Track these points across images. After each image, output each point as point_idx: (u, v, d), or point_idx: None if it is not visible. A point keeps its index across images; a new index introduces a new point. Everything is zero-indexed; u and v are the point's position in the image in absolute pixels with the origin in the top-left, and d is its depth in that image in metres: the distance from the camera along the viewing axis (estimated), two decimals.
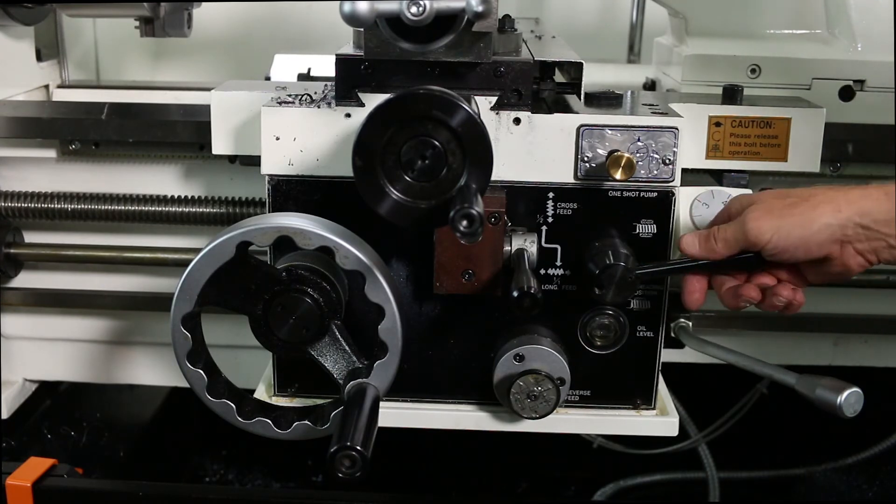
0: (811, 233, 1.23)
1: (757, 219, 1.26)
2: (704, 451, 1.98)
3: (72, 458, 1.89)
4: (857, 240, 1.23)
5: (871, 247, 1.23)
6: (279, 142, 1.46)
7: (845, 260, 1.26)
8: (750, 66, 1.88)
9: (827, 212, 1.23)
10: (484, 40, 1.37)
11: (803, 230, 1.23)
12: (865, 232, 1.22)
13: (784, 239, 1.24)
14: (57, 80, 2.22)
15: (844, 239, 1.23)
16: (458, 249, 1.42)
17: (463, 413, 1.58)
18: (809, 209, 1.24)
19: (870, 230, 1.21)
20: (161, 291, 2.06)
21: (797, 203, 1.26)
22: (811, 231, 1.23)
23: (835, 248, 1.24)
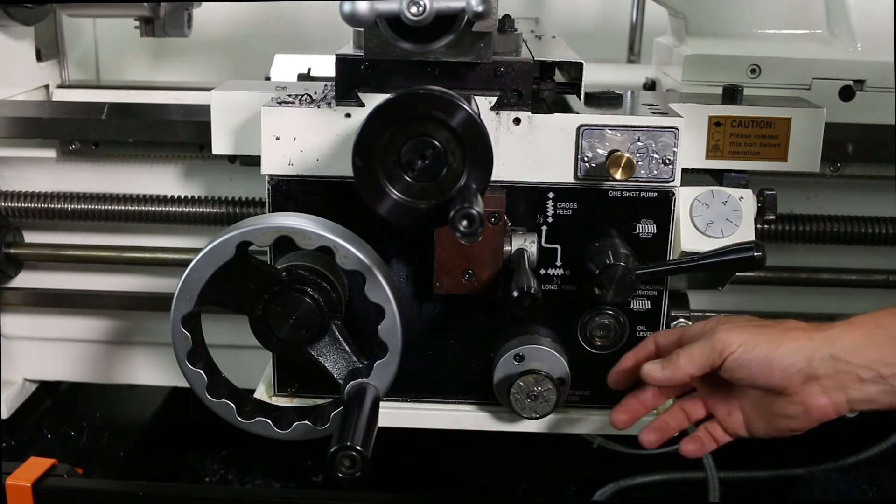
0: (778, 353, 1.18)
1: (727, 330, 1.22)
2: None
3: (72, 458, 1.89)
4: (826, 374, 1.16)
5: (840, 381, 1.16)
6: (279, 142, 1.46)
7: (805, 398, 1.18)
8: (750, 66, 1.88)
9: (798, 337, 1.19)
10: (484, 40, 1.37)
11: (771, 347, 1.18)
12: (834, 363, 1.16)
13: (750, 352, 1.19)
14: (57, 80, 2.22)
15: (811, 371, 1.17)
16: (458, 249, 1.42)
17: (463, 413, 1.58)
18: (781, 332, 1.20)
19: (838, 361, 1.16)
20: (161, 291, 2.06)
21: (769, 325, 1.23)
22: (779, 351, 1.18)
23: (797, 380, 1.18)
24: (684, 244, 1.53)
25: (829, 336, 1.17)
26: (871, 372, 1.14)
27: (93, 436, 2.21)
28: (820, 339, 1.17)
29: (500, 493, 2.14)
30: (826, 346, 1.16)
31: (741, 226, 1.54)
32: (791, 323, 1.23)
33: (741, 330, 1.22)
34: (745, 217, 1.54)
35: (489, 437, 1.61)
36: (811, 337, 1.18)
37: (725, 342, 1.20)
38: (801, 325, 1.22)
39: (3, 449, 2.06)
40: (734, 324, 1.24)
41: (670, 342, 1.36)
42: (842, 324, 1.18)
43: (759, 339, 1.19)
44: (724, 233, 1.53)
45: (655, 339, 1.40)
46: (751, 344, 1.19)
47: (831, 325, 1.19)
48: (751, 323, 1.25)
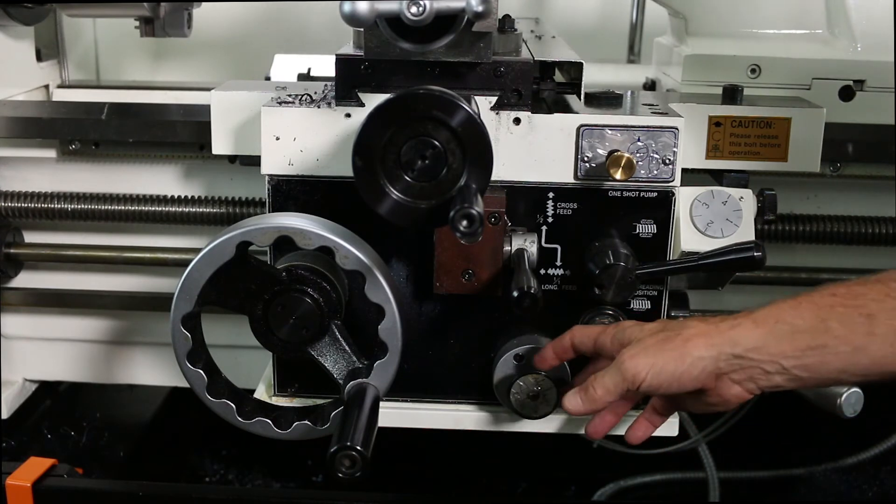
0: (684, 368, 1.22)
1: (632, 357, 1.25)
2: (704, 451, 1.98)
3: (72, 458, 1.89)
4: (732, 370, 1.22)
5: (747, 375, 1.22)
6: (279, 142, 1.46)
7: (721, 391, 1.24)
8: (750, 66, 1.88)
9: (700, 345, 1.22)
10: (484, 40, 1.37)
11: (676, 365, 1.22)
12: (739, 361, 1.21)
13: (657, 376, 1.23)
14: (57, 80, 2.22)
15: (719, 371, 1.21)
16: (458, 249, 1.42)
17: (463, 413, 1.58)
18: (682, 343, 1.23)
19: (742, 359, 1.20)
20: (161, 291, 2.06)
21: (671, 338, 1.25)
22: (684, 366, 1.22)
23: (709, 381, 1.23)
24: (684, 244, 1.53)
25: (732, 338, 1.21)
26: (774, 365, 1.19)
27: (93, 436, 2.21)
28: (722, 342, 1.21)
29: (500, 493, 2.14)
30: (729, 347, 1.21)
31: (741, 226, 1.54)
32: (692, 328, 1.25)
33: (644, 354, 1.25)
34: (745, 217, 1.54)
35: (489, 437, 1.61)
36: (713, 342, 1.22)
37: (634, 371, 1.24)
38: (702, 328, 1.24)
39: (3, 449, 2.06)
40: (638, 346, 1.27)
41: (585, 346, 1.38)
42: (744, 322, 1.22)
43: (664, 361, 1.23)
44: (724, 233, 1.53)
45: (572, 338, 1.40)
46: (657, 368, 1.23)
47: (733, 325, 1.22)
48: (654, 339, 1.26)
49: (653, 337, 1.27)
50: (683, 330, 1.25)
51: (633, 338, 1.30)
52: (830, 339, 1.16)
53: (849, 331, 1.15)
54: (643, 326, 1.32)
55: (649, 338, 1.27)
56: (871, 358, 1.15)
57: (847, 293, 1.18)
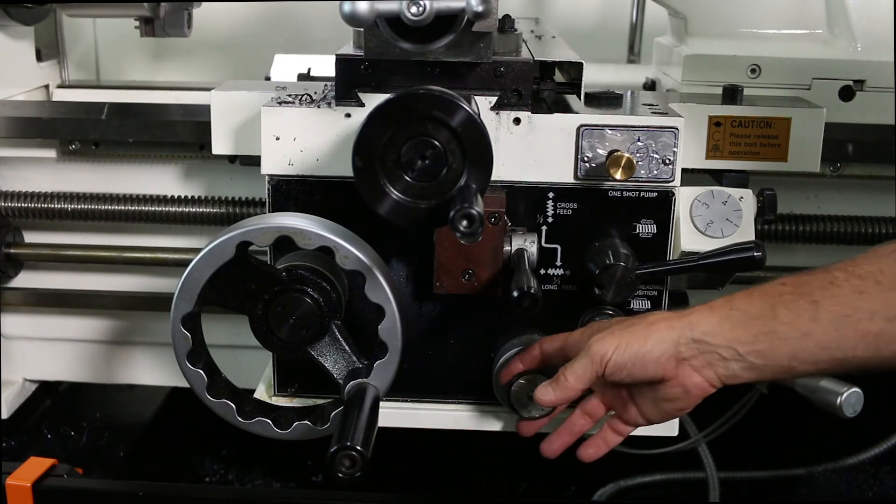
0: (648, 348, 1.27)
1: (598, 340, 1.30)
2: (704, 451, 1.98)
3: (72, 458, 1.89)
4: (692, 355, 1.26)
5: (706, 361, 1.26)
6: (279, 142, 1.46)
7: (682, 379, 1.28)
8: (750, 66, 1.88)
9: (662, 328, 1.28)
10: (484, 40, 1.37)
11: (640, 345, 1.27)
12: (697, 345, 1.25)
13: (622, 354, 1.28)
14: (57, 80, 2.22)
15: (679, 355, 1.26)
16: (458, 249, 1.42)
17: (463, 413, 1.58)
18: (646, 326, 1.29)
19: (701, 343, 1.25)
20: (161, 291, 2.06)
21: (635, 323, 1.31)
22: (648, 346, 1.27)
23: (670, 366, 1.27)
24: (684, 244, 1.53)
25: (691, 322, 1.27)
26: (730, 351, 1.24)
27: (93, 436, 2.21)
28: (682, 325, 1.27)
29: (500, 493, 2.14)
30: (688, 330, 1.26)
31: (741, 226, 1.54)
32: (655, 315, 1.32)
33: (611, 335, 1.30)
34: (745, 217, 1.54)
35: (489, 437, 1.61)
36: (673, 325, 1.27)
37: (600, 352, 1.29)
38: (664, 315, 1.32)
39: (3, 449, 2.06)
40: (605, 331, 1.32)
41: (554, 349, 1.42)
42: (701, 308, 1.28)
43: (628, 340, 1.29)
44: (724, 233, 1.53)
45: (541, 347, 1.43)
46: (622, 347, 1.28)
47: (692, 311, 1.28)
48: (620, 325, 1.32)
49: (619, 323, 1.33)
50: (647, 317, 1.32)
51: (600, 327, 1.35)
52: (779, 325, 1.21)
53: (795, 316, 1.20)
54: (610, 319, 1.39)
55: (616, 324, 1.33)
56: (818, 343, 1.19)
57: (795, 282, 1.23)
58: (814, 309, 1.19)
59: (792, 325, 1.20)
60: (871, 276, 1.17)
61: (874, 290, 1.16)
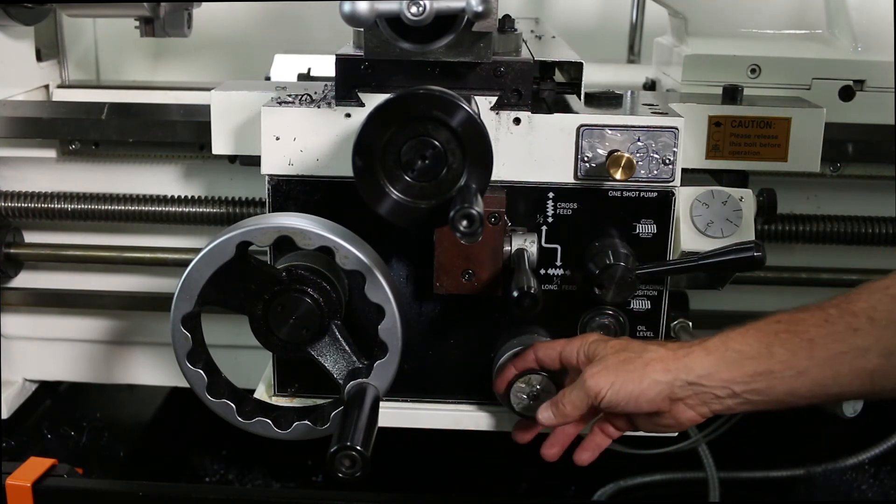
0: (642, 389, 1.28)
1: (593, 375, 1.31)
2: (704, 451, 1.98)
3: (72, 458, 1.89)
4: (686, 396, 1.28)
5: (701, 400, 1.28)
6: (279, 142, 1.46)
7: (676, 415, 1.30)
8: (750, 66, 1.88)
9: (658, 370, 1.28)
10: (484, 40, 1.37)
11: (635, 386, 1.29)
12: (692, 387, 1.27)
13: (617, 393, 1.29)
14: (57, 80, 2.22)
15: (674, 396, 1.28)
16: (458, 249, 1.42)
17: (463, 413, 1.58)
18: (641, 366, 1.30)
19: (696, 385, 1.27)
20: (161, 291, 2.06)
21: (631, 359, 1.31)
22: (642, 387, 1.28)
23: (664, 404, 1.29)
24: (684, 244, 1.53)
25: (686, 364, 1.27)
26: (726, 391, 1.26)
27: (93, 436, 2.21)
28: (677, 368, 1.28)
29: (500, 493, 2.14)
30: (684, 374, 1.27)
31: (741, 226, 1.54)
32: (651, 352, 1.31)
33: (606, 372, 1.31)
34: (745, 217, 1.54)
35: (489, 437, 1.61)
36: (669, 368, 1.28)
37: (595, 388, 1.31)
38: (661, 353, 1.31)
39: (3, 449, 2.06)
40: (600, 364, 1.33)
41: (550, 358, 1.42)
42: (697, 349, 1.28)
43: (623, 380, 1.29)
44: (724, 233, 1.53)
45: (535, 353, 1.44)
46: (617, 386, 1.29)
47: (688, 352, 1.28)
48: (616, 359, 1.33)
49: (615, 356, 1.33)
50: (644, 353, 1.31)
51: (597, 353, 1.36)
52: (775, 364, 1.22)
53: (791, 355, 1.21)
54: (607, 343, 1.37)
55: (612, 356, 1.33)
56: (814, 380, 1.20)
57: (790, 319, 1.24)
58: (809, 347, 1.20)
59: (788, 364, 1.21)
60: (864, 313, 1.18)
61: (868, 327, 1.17)
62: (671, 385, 1.27)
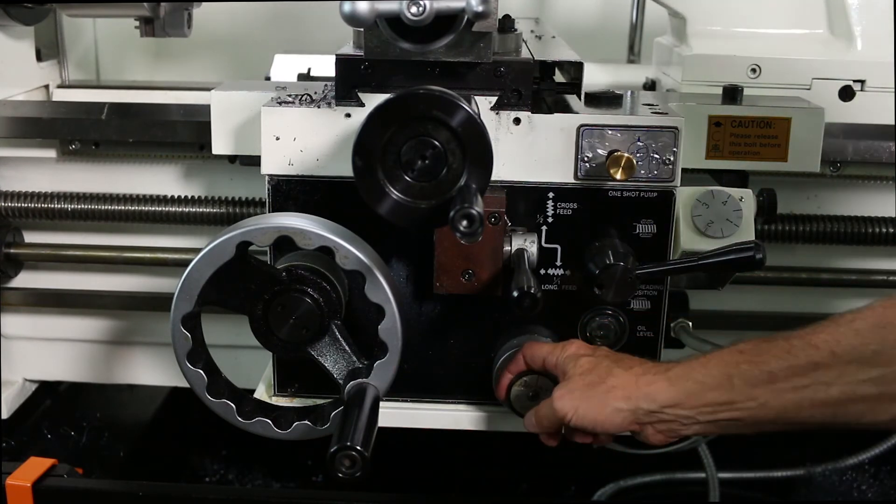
0: (605, 416, 1.29)
1: (560, 398, 1.32)
2: (704, 451, 1.98)
3: (72, 458, 1.88)
4: (651, 422, 1.29)
5: (667, 427, 1.29)
6: (279, 142, 1.46)
7: (647, 436, 1.31)
8: (750, 66, 1.88)
9: (619, 397, 1.29)
10: (484, 40, 1.37)
11: (597, 413, 1.30)
12: (656, 415, 1.28)
13: (581, 419, 1.31)
14: (57, 80, 2.22)
15: (637, 421, 1.29)
16: (458, 249, 1.42)
17: (463, 413, 1.58)
18: (604, 392, 1.30)
19: (659, 413, 1.27)
20: (161, 291, 2.06)
21: (595, 384, 1.32)
22: (605, 414, 1.29)
23: (633, 427, 1.31)
24: (684, 244, 1.53)
25: (648, 394, 1.28)
26: (690, 419, 1.27)
27: (93, 436, 2.21)
28: (639, 397, 1.28)
29: (500, 493, 2.14)
30: (645, 403, 1.28)
31: (741, 226, 1.54)
32: (616, 378, 1.31)
33: (571, 396, 1.32)
34: (745, 217, 1.54)
35: (489, 437, 1.61)
36: (630, 396, 1.28)
37: (561, 411, 1.32)
38: (623, 380, 1.30)
39: (3, 449, 2.06)
40: (566, 387, 1.34)
41: (537, 364, 1.43)
42: (660, 380, 1.28)
43: (586, 407, 1.30)
44: (724, 233, 1.53)
45: (524, 355, 1.45)
46: (580, 412, 1.31)
47: (651, 380, 1.28)
48: (582, 381, 1.33)
49: (581, 378, 1.34)
50: (608, 378, 1.32)
51: (567, 371, 1.36)
52: (736, 395, 1.22)
53: (751, 388, 1.22)
54: (577, 361, 1.36)
55: (578, 378, 1.34)
56: (775, 411, 1.21)
57: (753, 350, 1.24)
58: (770, 380, 1.20)
59: (748, 396, 1.21)
60: (827, 346, 1.18)
61: (830, 361, 1.17)
62: (634, 413, 1.28)
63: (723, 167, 1.64)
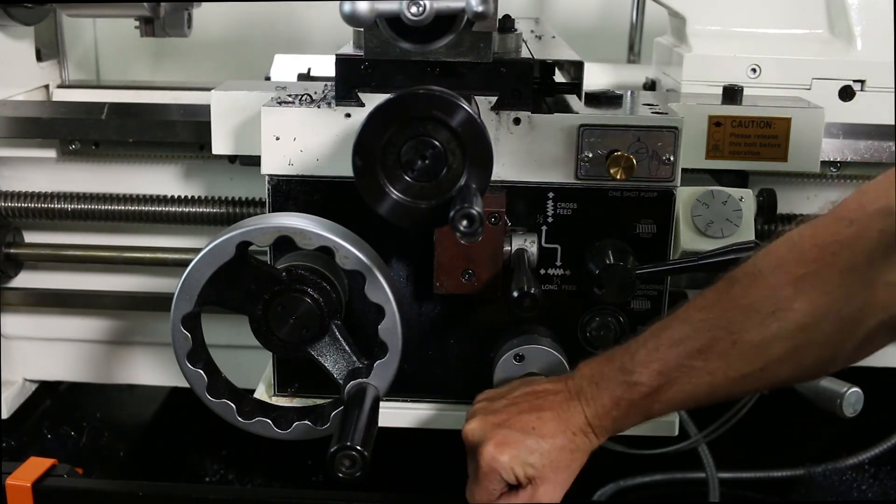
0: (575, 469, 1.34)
1: (554, 497, 1.33)
2: (704, 451, 1.98)
3: (72, 458, 1.89)
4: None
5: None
6: (279, 142, 1.46)
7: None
8: (750, 66, 1.88)
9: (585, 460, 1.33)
10: (484, 40, 1.37)
11: (574, 476, 1.35)
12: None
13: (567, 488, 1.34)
14: (57, 80, 2.22)
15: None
16: (458, 249, 1.42)
17: (463, 413, 1.57)
18: (578, 468, 1.34)
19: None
20: (161, 291, 2.06)
21: (569, 466, 1.34)
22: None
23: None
24: (684, 244, 1.53)
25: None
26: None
27: (93, 436, 2.21)
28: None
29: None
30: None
31: (741, 226, 1.54)
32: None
33: (561, 489, 1.34)
34: (745, 217, 1.54)
35: None
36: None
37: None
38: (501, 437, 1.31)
39: (3, 449, 2.06)
40: (551, 482, 1.33)
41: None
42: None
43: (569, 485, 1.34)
44: (724, 233, 1.53)
45: None
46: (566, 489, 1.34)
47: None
48: (559, 475, 1.34)
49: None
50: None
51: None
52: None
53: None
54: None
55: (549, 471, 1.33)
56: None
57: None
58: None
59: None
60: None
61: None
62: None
63: (723, 167, 1.64)
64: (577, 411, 1.30)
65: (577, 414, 1.30)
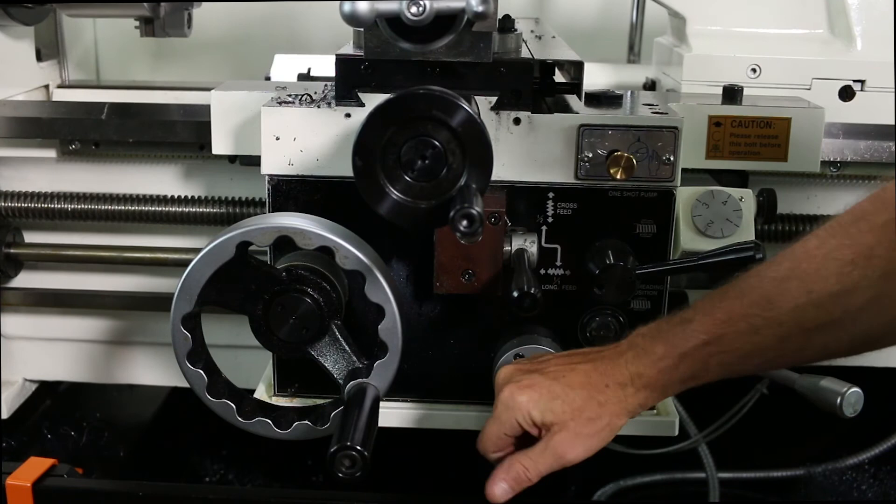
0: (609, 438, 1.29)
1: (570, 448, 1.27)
2: (704, 451, 1.98)
3: (72, 458, 1.88)
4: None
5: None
6: (279, 142, 1.46)
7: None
8: (750, 66, 1.88)
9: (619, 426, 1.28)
10: (484, 40, 1.37)
11: (603, 441, 1.28)
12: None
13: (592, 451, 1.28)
14: (57, 80, 2.22)
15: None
16: (458, 249, 1.42)
17: (463, 413, 1.58)
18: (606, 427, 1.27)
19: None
20: (161, 291, 2.06)
21: (594, 419, 1.26)
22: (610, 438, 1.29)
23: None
24: (684, 244, 1.53)
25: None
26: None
27: (93, 436, 2.21)
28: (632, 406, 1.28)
29: None
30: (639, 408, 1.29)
31: (741, 226, 1.54)
32: (609, 406, 1.27)
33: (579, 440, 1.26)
34: (745, 217, 1.54)
35: None
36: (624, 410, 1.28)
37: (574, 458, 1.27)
38: (615, 408, 1.28)
39: (3, 449, 2.06)
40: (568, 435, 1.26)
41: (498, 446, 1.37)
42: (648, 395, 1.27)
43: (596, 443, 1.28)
44: (724, 233, 1.53)
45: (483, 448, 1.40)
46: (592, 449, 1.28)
47: (641, 400, 1.27)
48: (578, 424, 1.27)
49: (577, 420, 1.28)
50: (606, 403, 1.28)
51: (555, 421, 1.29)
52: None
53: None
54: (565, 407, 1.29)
55: (573, 421, 1.27)
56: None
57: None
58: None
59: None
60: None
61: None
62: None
63: (723, 167, 1.64)
64: (620, 365, 1.26)
65: (620, 367, 1.26)
